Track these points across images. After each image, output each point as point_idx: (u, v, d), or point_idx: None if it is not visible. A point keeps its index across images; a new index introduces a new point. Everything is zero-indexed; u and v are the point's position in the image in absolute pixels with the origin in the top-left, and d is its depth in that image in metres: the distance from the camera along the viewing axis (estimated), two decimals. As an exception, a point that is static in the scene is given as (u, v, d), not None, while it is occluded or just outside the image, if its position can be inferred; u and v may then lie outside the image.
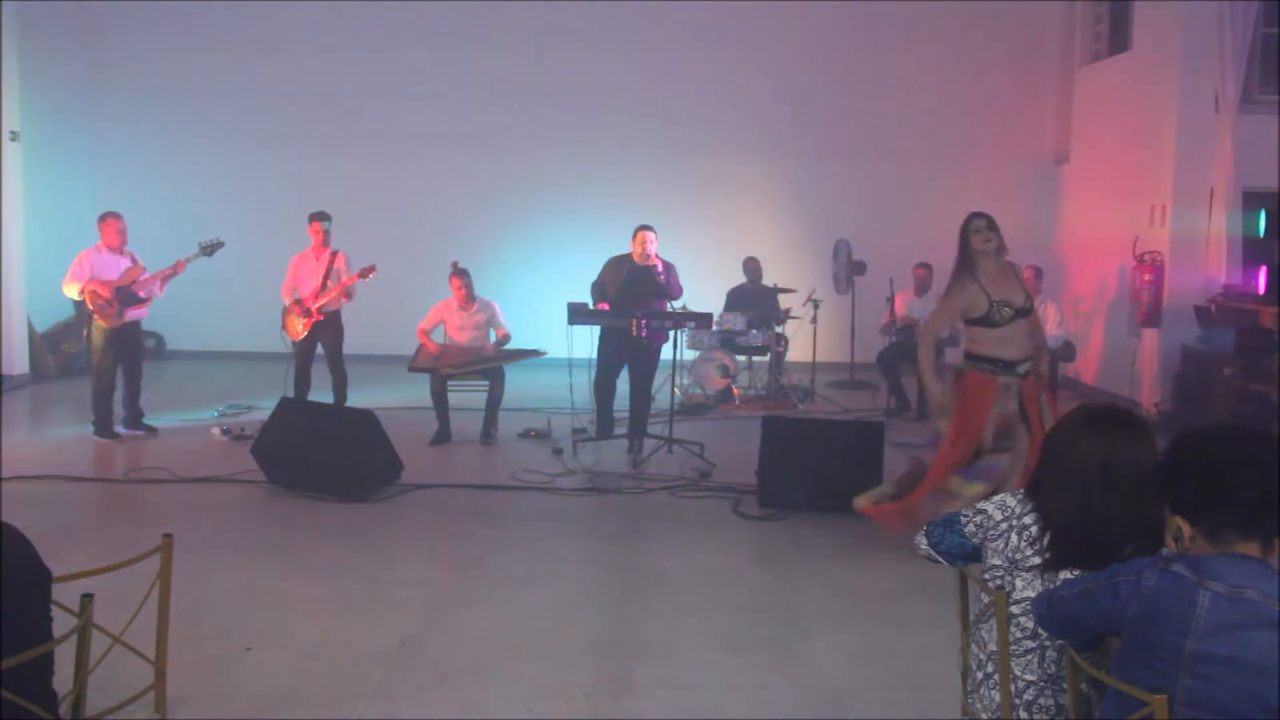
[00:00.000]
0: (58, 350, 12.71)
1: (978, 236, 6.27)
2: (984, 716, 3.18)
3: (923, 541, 3.39)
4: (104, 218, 9.28)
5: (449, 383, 9.49)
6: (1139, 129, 11.57)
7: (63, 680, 2.99)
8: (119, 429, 9.41)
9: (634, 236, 9.02)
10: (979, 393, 6.29)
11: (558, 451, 9.09)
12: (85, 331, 9.56)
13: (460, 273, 9.65)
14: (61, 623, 2.96)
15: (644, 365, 9.04)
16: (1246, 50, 10.46)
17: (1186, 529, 2.54)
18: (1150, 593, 2.48)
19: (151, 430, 9.55)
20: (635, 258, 8.98)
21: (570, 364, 9.21)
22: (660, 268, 8.93)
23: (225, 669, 4.79)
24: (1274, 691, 2.33)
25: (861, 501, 6.57)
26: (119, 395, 9.43)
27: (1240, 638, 2.36)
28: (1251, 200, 10.55)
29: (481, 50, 13.69)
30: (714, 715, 4.47)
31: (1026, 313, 6.30)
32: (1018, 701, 3.08)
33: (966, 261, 6.30)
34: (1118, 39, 12.53)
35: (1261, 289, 8.62)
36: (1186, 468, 2.55)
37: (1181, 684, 2.41)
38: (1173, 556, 2.55)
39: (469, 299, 9.68)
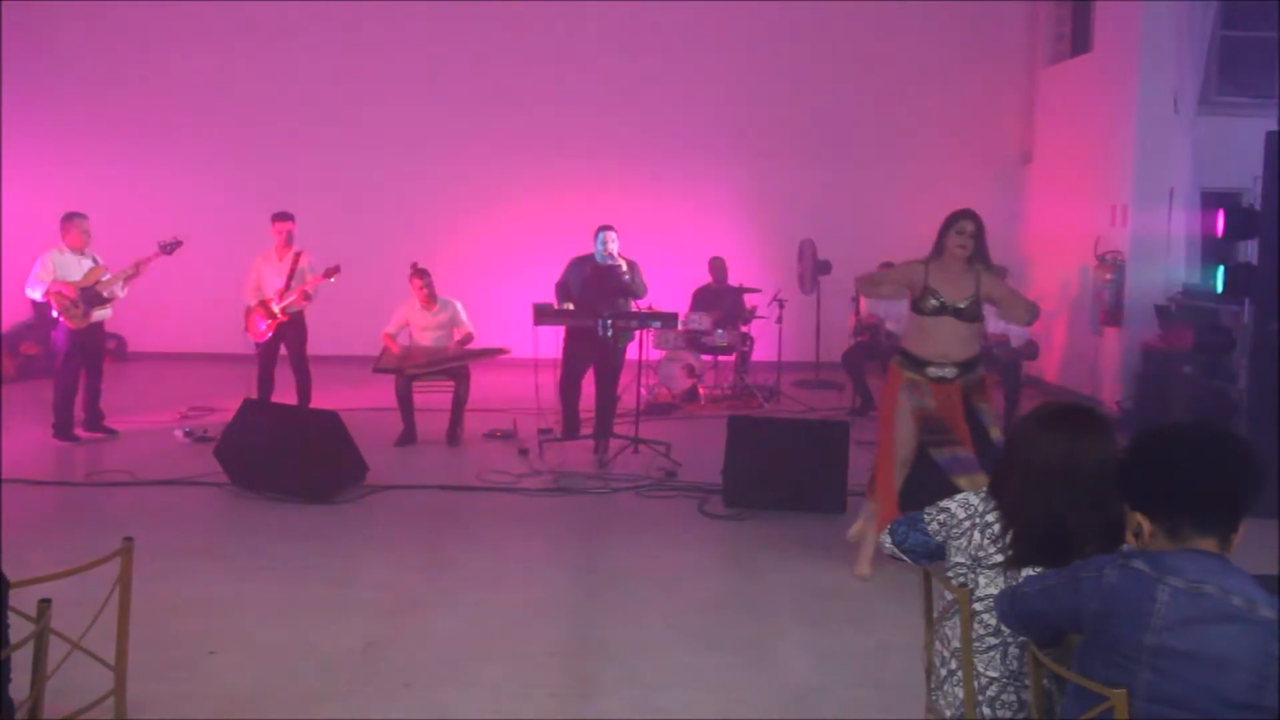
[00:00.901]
0: (15, 352, 12.55)
1: (959, 236, 6.02)
2: (948, 713, 3.20)
3: (887, 540, 3.41)
4: (68, 218, 9.18)
5: (414, 383, 9.46)
6: (1100, 129, 11.68)
7: (21, 688, 2.95)
8: (79, 432, 9.31)
9: (595, 237, 9.05)
10: (889, 384, 6.23)
11: (524, 452, 9.07)
12: (49, 333, 9.46)
13: (420, 273, 9.61)
14: (19, 629, 2.92)
15: (609, 365, 9.04)
16: (1204, 52, 10.57)
17: (1146, 525, 2.57)
18: (1111, 589, 2.50)
19: (112, 433, 9.45)
20: (597, 258, 8.99)
21: (536, 364, 9.18)
22: (624, 267, 8.94)
23: (187, 673, 4.75)
24: (1232, 684, 2.36)
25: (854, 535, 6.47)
26: (79, 398, 9.33)
27: (1199, 632, 2.39)
28: (1210, 200, 10.66)
29: (444, 51, 13.63)
30: (681, 715, 4.47)
31: (962, 314, 5.98)
32: (981, 698, 3.10)
33: (934, 250, 6.10)
34: (1079, 40, 12.64)
35: (1220, 288, 8.71)
36: (1146, 465, 2.58)
37: (1141, 678, 2.43)
38: (1133, 553, 2.58)
39: (430, 299, 9.64)
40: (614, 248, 8.95)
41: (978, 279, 6.04)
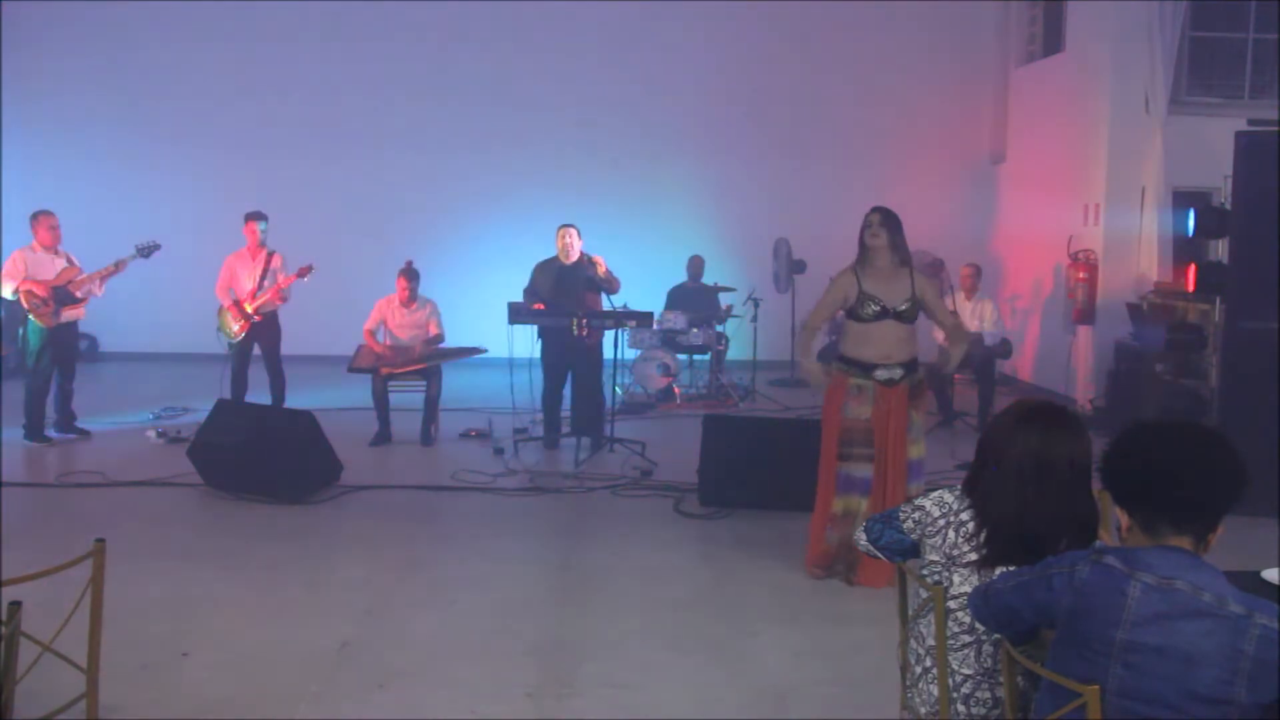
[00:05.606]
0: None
1: (867, 231, 6.09)
2: (923, 711, 3.21)
3: (862, 537, 3.42)
4: (36, 216, 9.11)
5: (390, 383, 9.43)
6: (1073, 129, 11.75)
7: (-10, 690, 2.93)
8: (50, 432, 9.24)
9: (556, 236, 9.05)
10: (831, 393, 6.12)
11: (499, 451, 9.05)
12: (20, 332, 9.37)
13: (410, 273, 9.60)
14: (-10, 631, 2.90)
15: (588, 365, 9.03)
16: (1174, 53, 10.66)
17: (1124, 520, 2.59)
18: (1083, 584, 2.52)
19: (84, 433, 9.38)
20: (561, 257, 9.00)
21: (511, 363, 9.17)
22: (599, 267, 8.94)
23: (161, 676, 4.71)
24: (1202, 679, 2.38)
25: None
26: (50, 397, 9.25)
27: (1169, 627, 2.40)
28: (1180, 199, 10.77)
29: (418, 50, 13.58)
30: (656, 714, 4.47)
31: (902, 316, 5.98)
32: (955, 695, 3.11)
33: (859, 255, 6.13)
34: (1051, 41, 12.72)
35: (1190, 286, 8.78)
36: (1129, 460, 2.58)
37: (1113, 674, 2.45)
38: (1106, 549, 2.59)
39: (411, 298, 9.62)
40: (575, 243, 8.96)
41: (912, 280, 6.07)
